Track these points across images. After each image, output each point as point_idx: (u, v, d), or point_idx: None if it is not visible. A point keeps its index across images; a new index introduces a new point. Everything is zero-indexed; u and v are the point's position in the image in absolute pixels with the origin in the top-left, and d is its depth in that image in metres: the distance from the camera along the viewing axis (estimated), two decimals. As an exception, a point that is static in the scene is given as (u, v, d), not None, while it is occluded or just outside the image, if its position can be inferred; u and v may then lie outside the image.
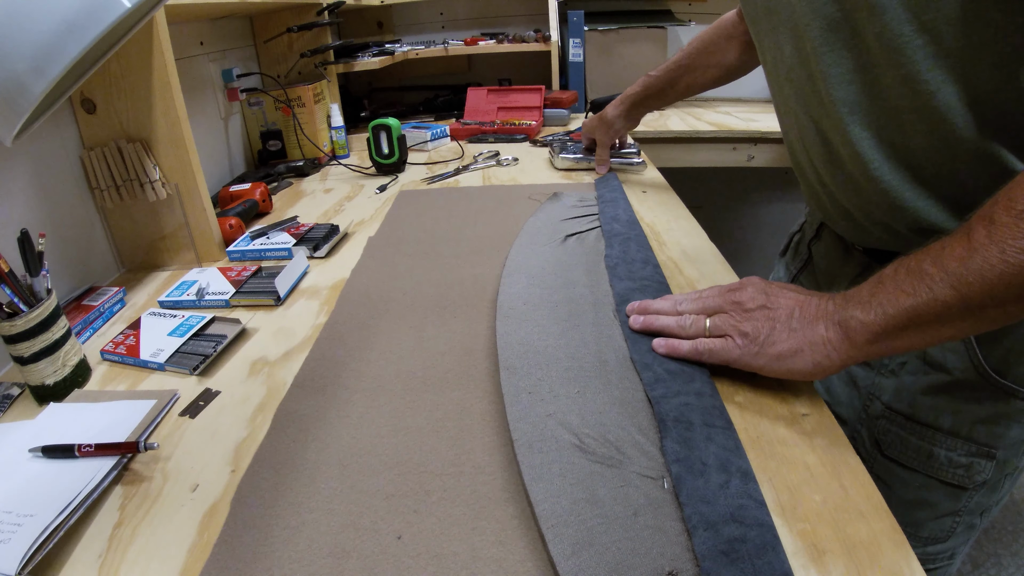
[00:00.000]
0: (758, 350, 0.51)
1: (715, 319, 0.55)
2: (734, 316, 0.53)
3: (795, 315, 0.50)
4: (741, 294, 0.54)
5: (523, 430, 0.48)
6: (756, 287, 0.54)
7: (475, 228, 0.93)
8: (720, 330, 0.54)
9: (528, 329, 0.62)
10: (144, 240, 0.90)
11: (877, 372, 0.64)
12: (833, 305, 0.49)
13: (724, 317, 0.54)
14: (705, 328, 0.55)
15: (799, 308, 0.50)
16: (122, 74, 0.81)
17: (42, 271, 0.60)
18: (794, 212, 2.30)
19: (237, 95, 1.31)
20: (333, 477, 0.46)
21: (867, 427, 0.65)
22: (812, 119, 0.60)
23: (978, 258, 0.40)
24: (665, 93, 1.02)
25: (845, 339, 0.47)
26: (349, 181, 1.28)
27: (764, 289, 0.54)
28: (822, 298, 0.50)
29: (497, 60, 1.96)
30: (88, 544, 0.44)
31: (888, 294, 0.45)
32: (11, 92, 0.43)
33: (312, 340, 0.67)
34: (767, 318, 0.51)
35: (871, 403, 0.64)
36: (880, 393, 0.63)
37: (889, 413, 0.62)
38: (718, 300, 0.56)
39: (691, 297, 0.58)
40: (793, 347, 0.49)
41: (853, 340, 0.47)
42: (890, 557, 0.38)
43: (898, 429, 0.62)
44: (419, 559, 0.39)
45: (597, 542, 0.38)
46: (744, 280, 0.57)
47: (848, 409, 0.67)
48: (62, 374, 0.60)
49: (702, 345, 0.54)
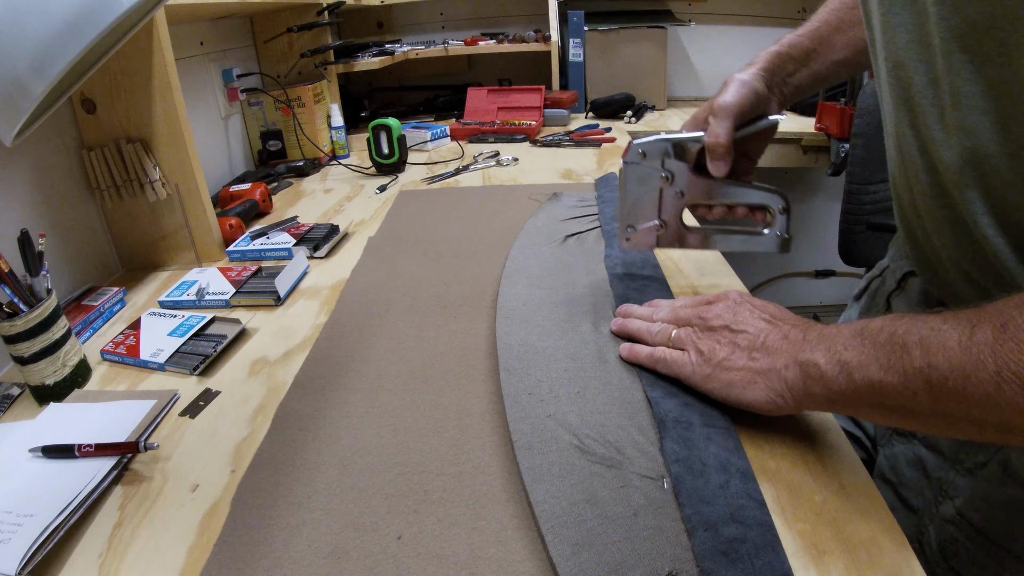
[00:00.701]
0: (710, 372, 0.48)
1: (680, 331, 0.52)
2: (697, 332, 0.51)
3: (759, 342, 0.46)
4: (710, 309, 0.51)
5: (523, 431, 0.48)
6: (728, 304, 0.51)
7: (475, 228, 0.93)
8: (681, 343, 0.52)
9: (528, 330, 0.62)
10: (144, 240, 0.90)
11: (952, 466, 0.53)
12: (803, 338, 0.44)
13: (688, 331, 0.52)
14: (669, 338, 0.53)
15: (766, 335, 0.47)
16: (122, 74, 0.81)
17: (42, 271, 0.60)
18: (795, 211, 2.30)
19: (237, 95, 1.31)
20: (333, 477, 0.46)
21: (936, 527, 0.54)
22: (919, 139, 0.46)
23: (969, 362, 0.33)
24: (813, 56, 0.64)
25: (801, 386, 0.43)
26: (349, 181, 1.28)
27: (735, 307, 0.50)
28: (796, 326, 0.46)
29: (497, 60, 1.96)
30: (88, 544, 0.44)
31: (860, 355, 0.39)
32: (11, 92, 0.43)
33: (312, 340, 0.67)
34: (728, 340, 0.48)
35: (943, 502, 0.53)
36: (954, 493, 0.52)
37: (960, 520, 0.51)
38: (689, 312, 0.53)
39: (671, 306, 0.57)
40: (747, 377, 0.46)
41: (808, 391, 0.42)
42: (890, 557, 0.38)
43: (967, 541, 0.51)
44: (419, 559, 0.39)
45: (597, 542, 0.38)
46: (722, 294, 0.53)
47: (917, 497, 0.56)
48: (62, 374, 0.60)
49: (659, 353, 0.52)
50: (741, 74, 0.62)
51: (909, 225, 0.54)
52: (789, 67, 0.63)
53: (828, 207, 2.16)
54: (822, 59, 0.64)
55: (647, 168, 0.61)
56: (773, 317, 0.48)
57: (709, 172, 0.59)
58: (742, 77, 0.61)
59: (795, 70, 0.64)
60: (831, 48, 0.63)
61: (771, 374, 0.45)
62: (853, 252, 1.58)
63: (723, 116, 0.58)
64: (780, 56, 0.63)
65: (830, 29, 0.64)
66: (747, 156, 0.64)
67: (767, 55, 0.64)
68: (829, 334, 0.43)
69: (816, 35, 0.64)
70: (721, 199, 0.61)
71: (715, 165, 0.58)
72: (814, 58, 0.64)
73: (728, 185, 0.60)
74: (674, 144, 0.60)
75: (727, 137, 0.57)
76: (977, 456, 0.50)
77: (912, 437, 0.57)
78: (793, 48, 0.64)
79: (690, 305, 0.55)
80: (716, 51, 2.06)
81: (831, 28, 0.64)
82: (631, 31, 1.80)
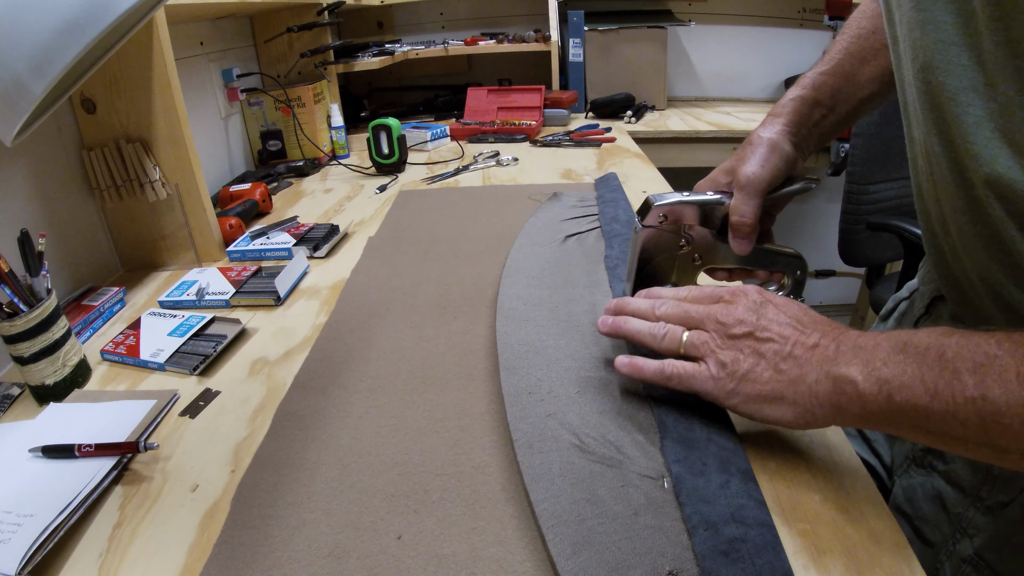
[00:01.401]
0: (734, 387, 0.43)
1: (693, 336, 0.46)
2: (715, 339, 0.45)
3: (786, 351, 0.42)
4: (729, 312, 0.45)
5: (523, 430, 0.48)
6: (749, 305, 0.45)
7: (475, 228, 0.93)
8: (696, 350, 0.46)
9: (528, 329, 0.62)
10: (144, 240, 0.90)
11: (972, 503, 0.49)
12: (836, 348, 0.40)
13: (703, 336, 0.46)
14: (680, 343, 0.46)
15: (793, 343, 0.42)
16: (122, 74, 0.81)
17: (42, 271, 0.60)
18: (795, 212, 2.31)
19: (237, 95, 1.31)
20: (333, 477, 0.46)
21: (952, 565, 0.51)
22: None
23: None
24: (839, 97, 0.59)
25: (834, 403, 0.39)
26: (349, 181, 1.28)
27: (758, 309, 0.45)
28: (826, 333, 0.42)
29: (497, 60, 1.96)
30: (88, 544, 0.44)
31: (903, 374, 0.36)
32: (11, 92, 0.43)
33: (312, 340, 0.67)
34: (752, 350, 0.43)
35: (961, 539, 0.50)
36: (973, 532, 0.49)
37: (977, 561, 0.49)
38: (703, 311, 0.47)
39: (674, 298, 0.50)
40: (775, 391, 0.42)
41: (841, 407, 0.39)
42: (890, 557, 0.38)
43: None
44: (419, 559, 0.39)
45: (597, 542, 0.38)
46: (737, 289, 0.47)
47: (934, 532, 0.53)
48: (62, 374, 0.60)
49: (670, 369, 0.46)
50: (767, 131, 0.56)
51: (937, 242, 0.50)
52: (816, 114, 0.58)
53: (828, 207, 2.16)
54: (849, 98, 0.59)
55: (666, 232, 0.56)
56: (799, 322, 0.44)
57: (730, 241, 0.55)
58: (770, 137, 0.55)
59: (822, 117, 0.59)
60: (857, 84, 0.58)
61: (800, 388, 0.41)
62: (853, 252, 1.58)
63: (751, 193, 0.53)
64: (806, 102, 0.58)
65: (855, 61, 0.58)
66: (767, 213, 0.58)
67: (792, 104, 0.58)
68: (866, 345, 0.39)
69: (840, 71, 0.58)
70: (740, 263, 0.58)
71: (739, 243, 0.54)
72: (841, 99, 0.59)
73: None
74: (700, 208, 0.55)
75: (754, 217, 0.53)
76: (999, 496, 0.48)
77: (932, 469, 0.54)
78: (819, 91, 0.58)
79: (702, 300, 0.48)
80: (716, 51, 2.06)
81: (856, 60, 0.58)
82: (631, 31, 1.80)
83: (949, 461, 0.52)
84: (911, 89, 0.44)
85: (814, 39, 1.97)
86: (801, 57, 1.99)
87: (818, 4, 1.93)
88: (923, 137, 0.45)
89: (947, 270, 0.50)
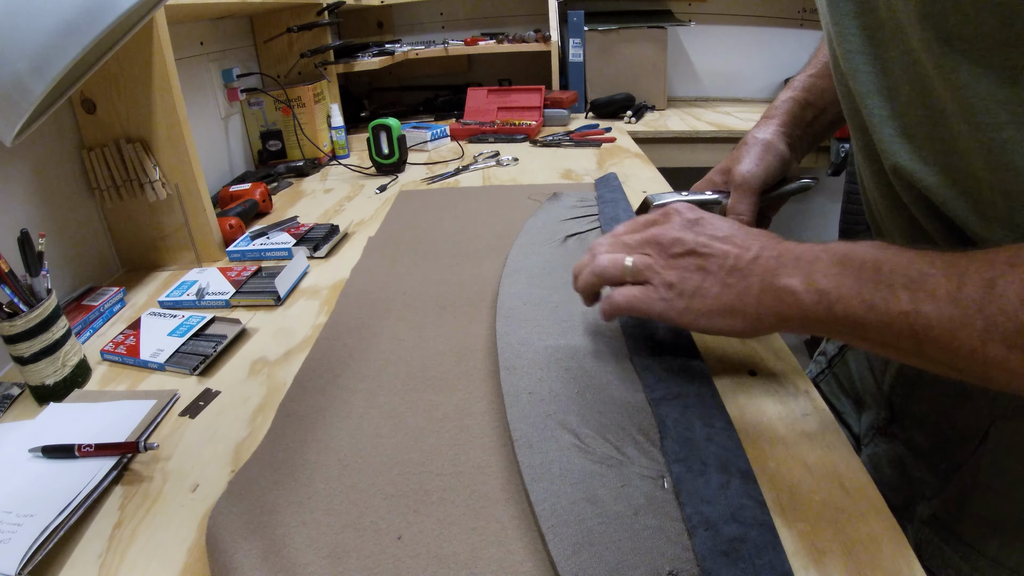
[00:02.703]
0: (685, 305, 0.44)
1: (636, 260, 0.47)
2: (658, 260, 0.46)
3: (729, 264, 0.43)
4: (664, 232, 0.46)
5: (523, 430, 0.48)
6: (683, 222, 0.46)
7: (475, 228, 0.93)
8: (640, 275, 0.46)
9: (528, 329, 0.62)
10: (144, 240, 0.90)
11: (928, 467, 0.52)
12: (775, 260, 0.42)
13: (646, 260, 0.46)
14: (624, 270, 0.47)
15: (736, 256, 0.43)
16: (122, 74, 0.81)
17: (42, 271, 0.60)
18: (794, 211, 2.31)
19: (237, 95, 1.31)
20: (333, 477, 0.46)
21: (913, 528, 0.54)
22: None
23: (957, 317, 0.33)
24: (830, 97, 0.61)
25: (777, 312, 0.41)
26: (349, 181, 1.28)
27: (693, 225, 0.45)
28: (765, 246, 0.43)
29: (497, 60, 1.96)
30: (88, 544, 0.44)
31: (840, 286, 0.38)
32: (11, 92, 0.43)
33: (312, 340, 0.67)
34: (696, 266, 0.44)
35: (919, 503, 0.53)
36: (931, 495, 0.52)
37: (935, 522, 0.52)
38: (638, 238, 0.47)
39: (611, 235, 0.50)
40: (726, 304, 0.43)
41: (784, 315, 0.41)
42: (890, 557, 0.38)
43: (941, 542, 0.51)
44: (419, 559, 0.39)
45: (597, 542, 0.38)
46: (669, 208, 0.48)
47: (895, 497, 0.53)
48: (62, 374, 0.60)
49: (619, 296, 0.47)
50: (761, 132, 0.58)
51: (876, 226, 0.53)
52: (808, 115, 0.60)
53: (828, 207, 2.16)
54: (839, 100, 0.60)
55: None
56: (736, 236, 0.45)
57: None
58: (764, 137, 0.57)
59: (814, 117, 0.60)
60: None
61: (747, 299, 0.42)
62: (853, 252, 1.58)
63: (747, 191, 0.55)
64: (798, 103, 0.60)
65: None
66: (763, 214, 0.61)
67: (785, 105, 0.60)
68: (805, 257, 0.41)
69: (828, 72, 0.59)
70: None
71: None
72: (831, 101, 0.60)
73: None
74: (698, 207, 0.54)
75: (751, 215, 0.55)
76: (953, 458, 0.50)
77: (894, 437, 0.57)
78: (810, 92, 0.60)
79: (636, 229, 0.49)
80: (716, 51, 2.07)
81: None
82: (631, 31, 1.80)
83: (908, 429, 0.54)
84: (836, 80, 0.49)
85: (814, 39, 1.97)
86: (801, 57, 1.99)
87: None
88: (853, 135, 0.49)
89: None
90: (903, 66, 0.40)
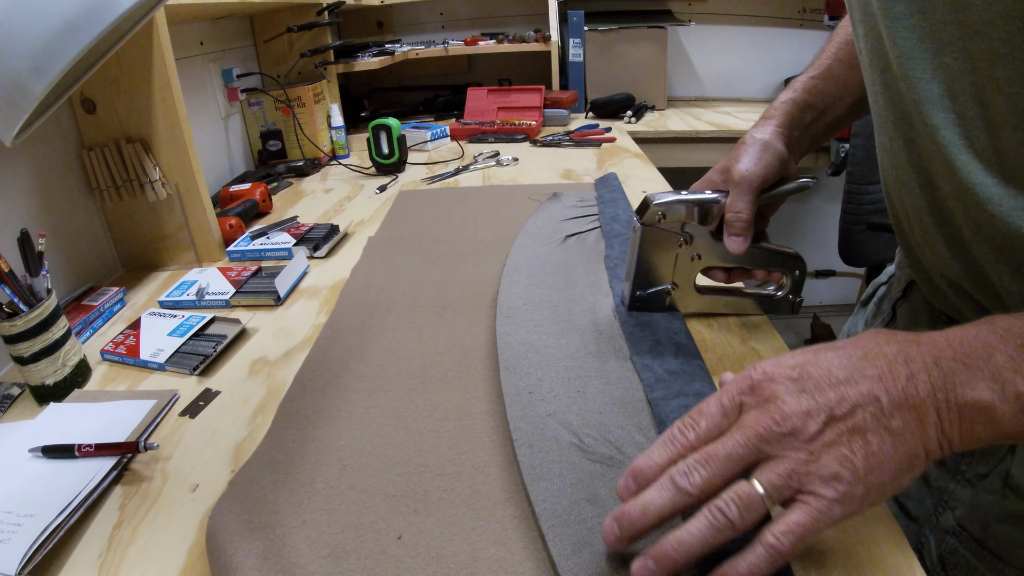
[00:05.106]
0: (864, 490, 0.32)
1: (765, 475, 0.32)
2: (794, 459, 0.32)
3: (884, 405, 0.32)
4: (776, 410, 0.33)
5: (523, 430, 0.48)
6: (784, 379, 0.34)
7: (475, 228, 0.93)
8: (787, 490, 0.32)
9: (528, 329, 0.62)
10: (144, 240, 0.90)
11: (952, 476, 0.50)
12: (937, 371, 0.33)
13: (780, 465, 0.32)
14: (764, 500, 0.32)
15: (885, 393, 0.32)
16: (122, 74, 0.81)
17: (42, 271, 0.60)
18: (794, 211, 2.31)
19: (237, 95, 1.31)
20: (333, 477, 0.46)
21: (936, 537, 0.51)
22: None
23: None
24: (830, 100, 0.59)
25: (961, 431, 0.32)
26: (349, 181, 1.28)
27: (797, 381, 0.34)
28: (903, 360, 0.33)
29: (497, 60, 1.96)
30: (88, 544, 0.44)
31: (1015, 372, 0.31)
32: (11, 92, 0.43)
33: (312, 340, 0.67)
34: (849, 432, 0.32)
35: (943, 513, 0.51)
36: (955, 505, 0.49)
37: (960, 531, 0.49)
38: (740, 438, 0.33)
39: (686, 448, 0.35)
40: (906, 454, 0.32)
41: (974, 435, 0.32)
42: (890, 557, 0.38)
43: (967, 552, 0.48)
44: (419, 559, 0.39)
45: (597, 542, 0.38)
46: (754, 372, 0.35)
47: (918, 508, 0.53)
48: (62, 374, 0.60)
49: (784, 539, 0.31)
50: (759, 132, 0.56)
51: (904, 236, 0.51)
52: (807, 116, 0.59)
53: (828, 207, 2.16)
54: (839, 102, 0.59)
55: (665, 231, 0.57)
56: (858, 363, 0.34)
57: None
58: (762, 137, 0.55)
59: (814, 119, 0.59)
60: (847, 89, 0.58)
61: (922, 435, 0.32)
62: (853, 252, 1.58)
63: (745, 189, 0.53)
64: (797, 105, 0.59)
65: (843, 67, 0.58)
66: (761, 215, 0.59)
67: (784, 107, 0.59)
68: (975, 352, 0.32)
69: (830, 75, 0.59)
70: (738, 262, 0.58)
71: (734, 241, 0.54)
72: (831, 103, 0.59)
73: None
74: (697, 206, 0.55)
75: (749, 213, 0.53)
76: (978, 467, 0.48)
77: None
78: (810, 94, 0.59)
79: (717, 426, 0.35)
80: (716, 51, 2.07)
81: (844, 65, 0.58)
82: (631, 31, 1.80)
83: None
84: (879, 98, 0.45)
85: (814, 39, 1.98)
86: (801, 57, 1.99)
87: (818, 4, 1.93)
88: (888, 143, 0.46)
89: (915, 261, 0.51)
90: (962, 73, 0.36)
